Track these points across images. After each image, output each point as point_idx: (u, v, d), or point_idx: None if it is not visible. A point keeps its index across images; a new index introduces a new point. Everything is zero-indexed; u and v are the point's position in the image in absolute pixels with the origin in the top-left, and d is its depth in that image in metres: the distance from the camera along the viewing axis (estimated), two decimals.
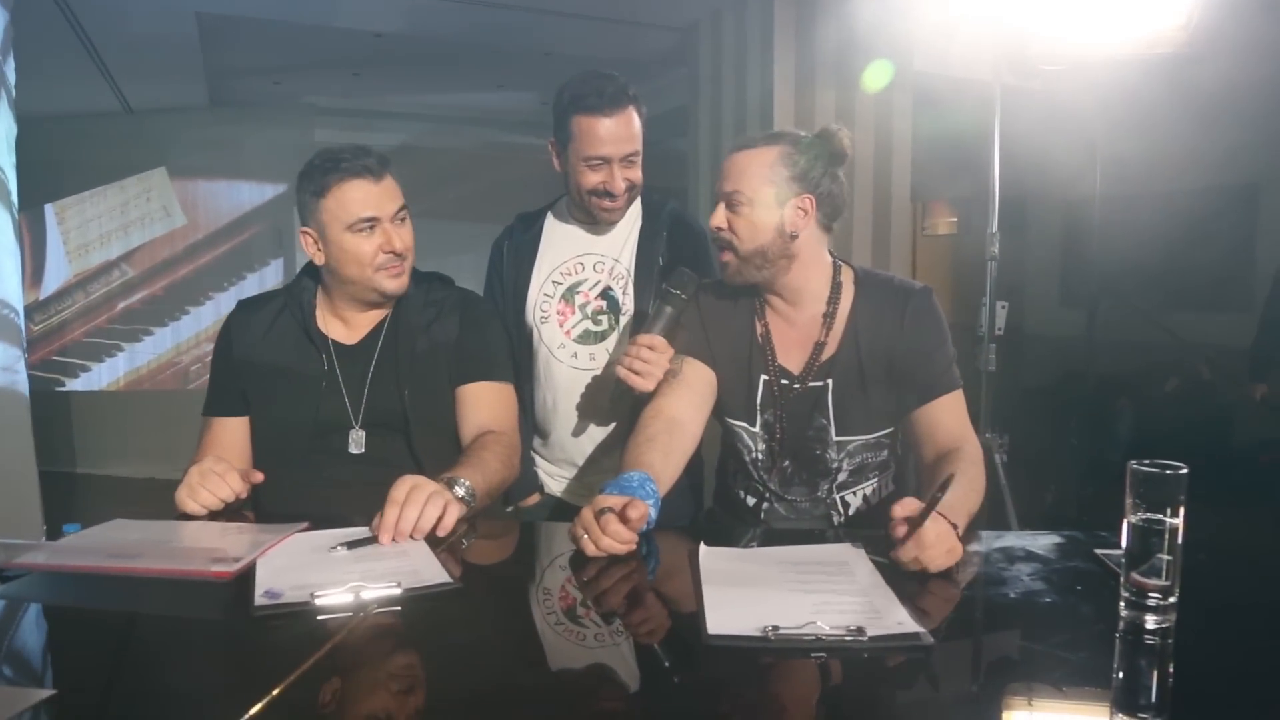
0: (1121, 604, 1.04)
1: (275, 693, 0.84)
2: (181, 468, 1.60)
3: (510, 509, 2.03)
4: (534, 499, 2.06)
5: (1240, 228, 4.78)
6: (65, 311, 6.52)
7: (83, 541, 1.37)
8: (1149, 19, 3.18)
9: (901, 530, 1.19)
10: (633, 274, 1.94)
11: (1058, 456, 4.05)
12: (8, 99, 3.59)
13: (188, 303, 6.56)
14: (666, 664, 1.01)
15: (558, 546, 1.47)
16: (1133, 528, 1.03)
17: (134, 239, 6.51)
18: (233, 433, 1.78)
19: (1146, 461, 1.03)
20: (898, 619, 1.01)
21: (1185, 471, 1.01)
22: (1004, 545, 1.34)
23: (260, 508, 1.71)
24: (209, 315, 6.49)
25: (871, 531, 1.36)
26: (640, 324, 1.83)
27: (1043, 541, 1.36)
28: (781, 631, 0.96)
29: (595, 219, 1.94)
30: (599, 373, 1.96)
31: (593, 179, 1.85)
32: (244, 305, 1.86)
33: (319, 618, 1.07)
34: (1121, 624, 1.03)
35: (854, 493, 1.70)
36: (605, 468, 1.92)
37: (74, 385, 6.55)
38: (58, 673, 0.99)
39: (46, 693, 0.86)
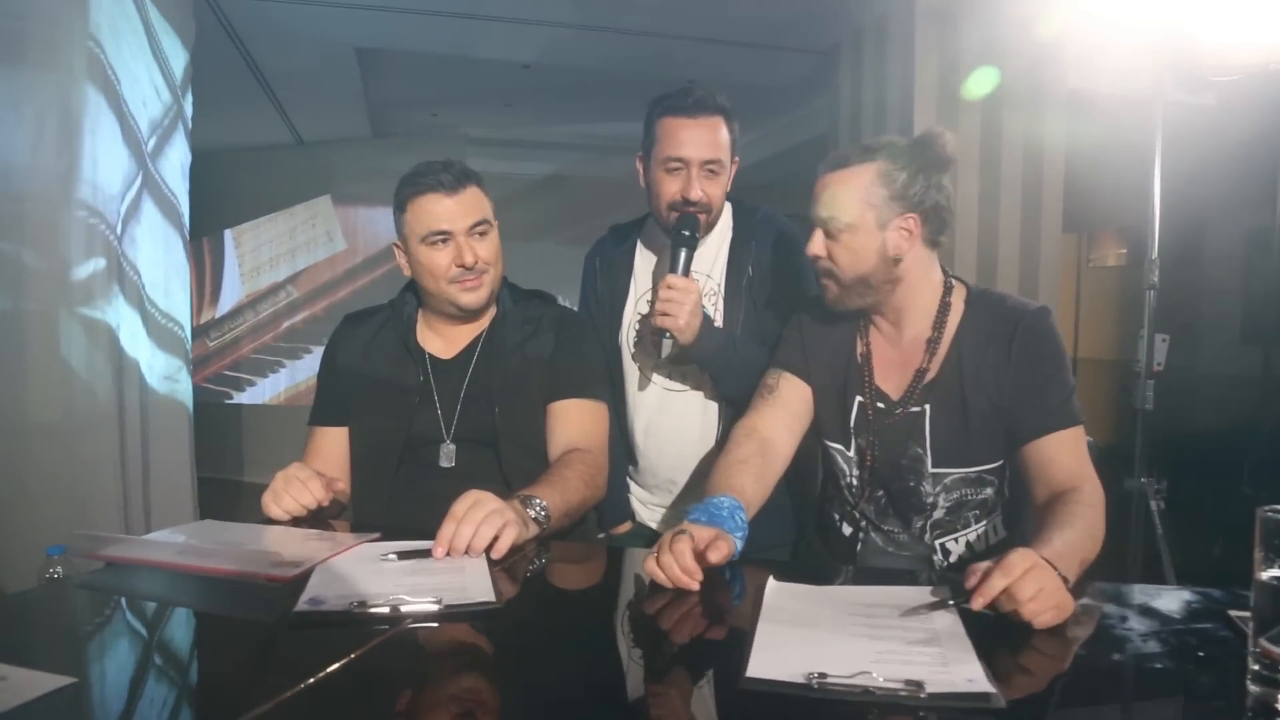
0: (1249, 678, 0.88)
1: (283, 697, 0.83)
2: None
3: (602, 535, 1.98)
4: (625, 527, 1.99)
5: None
6: (238, 329, 7.02)
7: (163, 538, 1.42)
8: None
9: (972, 580, 1.05)
10: (722, 290, 1.86)
11: (1227, 507, 3.63)
12: (184, 131, 3.87)
13: None
14: (692, 706, 0.91)
15: (630, 573, 1.40)
16: (1263, 586, 0.87)
17: (300, 262, 6.95)
18: (333, 442, 1.81)
19: None
20: (967, 675, 0.87)
21: None
22: (1121, 599, 1.17)
23: (356, 516, 1.73)
24: None
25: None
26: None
27: (1170, 598, 1.18)
28: (828, 680, 0.86)
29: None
30: (689, 392, 1.89)
31: (671, 187, 1.78)
32: (350, 319, 1.91)
33: (351, 627, 1.04)
34: (1249, 701, 0.87)
35: (956, 539, 1.54)
36: (699, 496, 1.84)
37: (241, 398, 7.02)
38: (83, 662, 1.00)
39: (66, 680, 0.87)
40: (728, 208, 1.92)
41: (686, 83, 1.81)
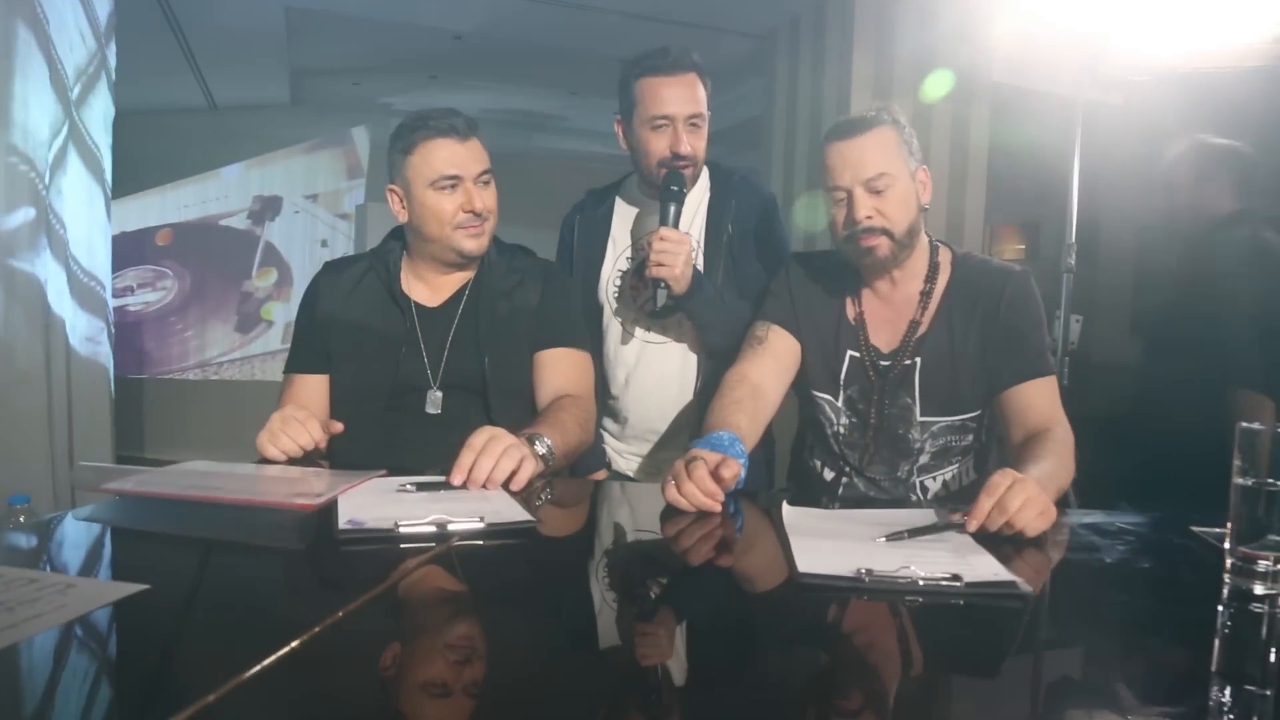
0: (1226, 571, 1.00)
1: (355, 605, 0.85)
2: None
3: None
4: (601, 474, 2.05)
5: None
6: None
7: (165, 474, 1.40)
8: (1240, 31, 3.10)
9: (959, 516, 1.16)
10: (702, 246, 1.94)
11: (1127, 479, 3.93)
12: (108, 81, 3.72)
13: None
14: (753, 602, 0.99)
15: (639, 503, 1.47)
16: (1240, 489, 0.99)
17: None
18: (312, 390, 1.81)
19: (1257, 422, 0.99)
20: (993, 570, 0.98)
21: None
22: (1093, 522, 1.30)
23: (336, 463, 1.73)
24: None
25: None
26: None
27: (1134, 519, 1.32)
28: (876, 574, 0.94)
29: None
30: (669, 345, 1.96)
31: (659, 145, 1.85)
32: (331, 266, 1.90)
33: (402, 545, 1.08)
34: (1226, 591, 0.99)
35: (934, 477, 1.67)
36: (678, 445, 1.92)
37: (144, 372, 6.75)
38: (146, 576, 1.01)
39: (139, 586, 0.88)
40: (704, 169, 1.99)
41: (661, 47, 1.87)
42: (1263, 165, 3.36)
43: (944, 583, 0.93)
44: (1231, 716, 0.73)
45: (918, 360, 1.59)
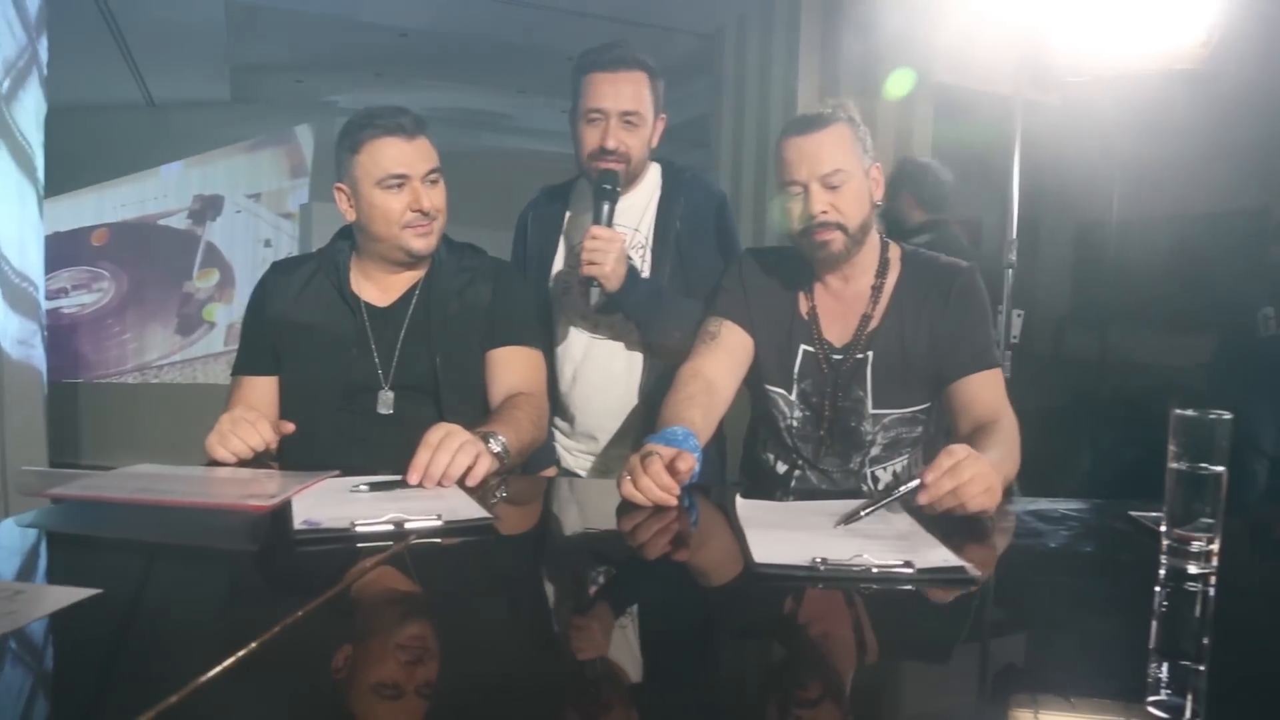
0: (1163, 552, 1.05)
1: (313, 605, 0.84)
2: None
3: None
4: (551, 471, 2.06)
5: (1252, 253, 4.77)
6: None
7: (109, 478, 1.37)
8: (1170, 34, 3.20)
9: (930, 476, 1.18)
10: (651, 243, 1.94)
11: (1074, 466, 4.07)
12: (39, 77, 3.62)
13: None
14: (711, 594, 1.00)
15: (595, 499, 1.48)
16: (1175, 475, 1.04)
17: None
18: (261, 391, 1.78)
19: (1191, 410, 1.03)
20: (943, 557, 1.01)
21: (1230, 418, 1.02)
22: (1037, 508, 1.34)
23: (287, 465, 1.71)
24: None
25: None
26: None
27: (1075, 505, 1.36)
28: (830, 562, 0.96)
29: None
30: (616, 343, 1.97)
31: (592, 138, 1.85)
32: (278, 266, 1.88)
33: (359, 545, 1.07)
34: (1163, 572, 1.03)
35: (885, 468, 1.70)
36: (626, 444, 1.93)
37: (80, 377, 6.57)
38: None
39: (91, 591, 0.86)
40: (657, 167, 2.01)
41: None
42: (949, 179, 3.57)
43: (896, 569, 0.96)
44: (1169, 691, 0.76)
45: (870, 354, 1.63)
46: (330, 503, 1.24)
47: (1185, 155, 4.22)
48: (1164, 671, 0.81)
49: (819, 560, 0.96)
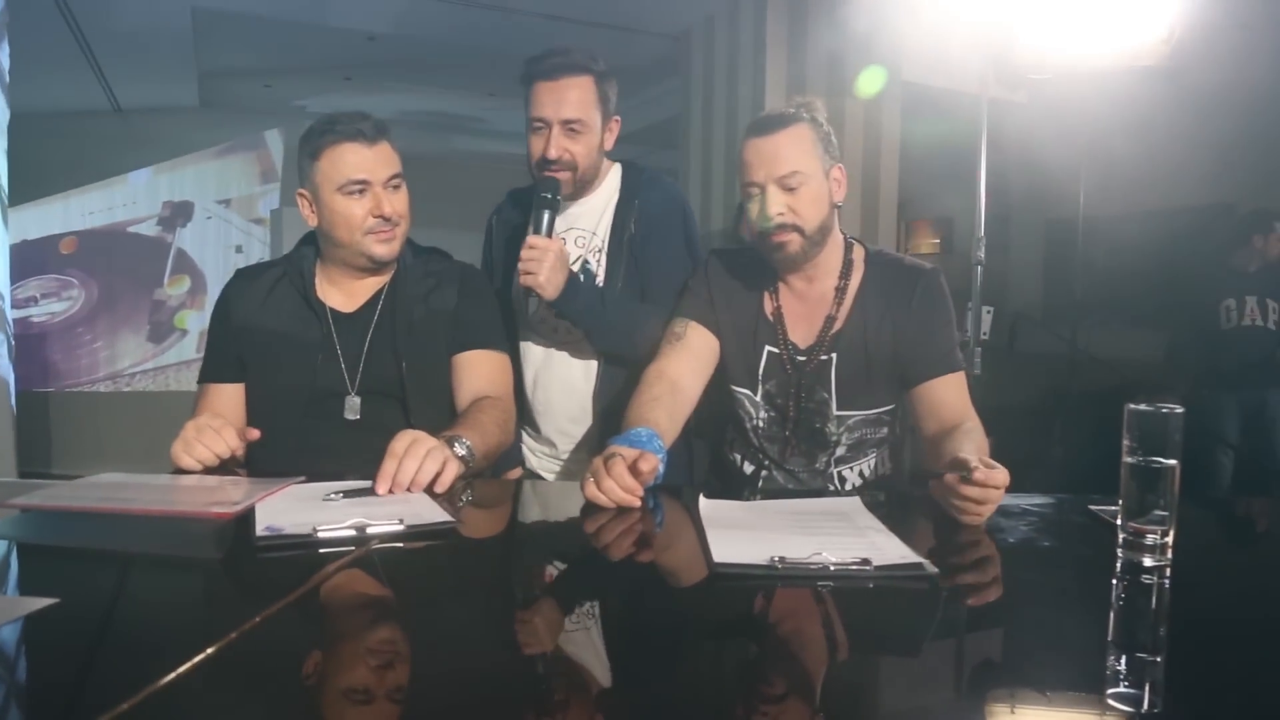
0: (1119, 545, 1.06)
1: (271, 611, 0.84)
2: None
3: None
4: (516, 473, 2.06)
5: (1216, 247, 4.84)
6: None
7: (75, 488, 1.37)
8: (1133, 32, 3.25)
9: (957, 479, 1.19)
10: (606, 247, 1.93)
11: (1044, 461, 4.11)
12: (1, 85, 3.57)
13: None
14: (673, 594, 1.01)
15: (559, 501, 1.48)
16: (1130, 468, 1.05)
17: None
18: (228, 399, 1.78)
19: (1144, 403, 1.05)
20: (900, 553, 1.02)
21: (1181, 412, 1.03)
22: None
23: (255, 472, 1.70)
24: None
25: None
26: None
27: (1036, 500, 1.38)
28: (789, 561, 0.97)
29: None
30: (573, 348, 1.96)
31: (536, 146, 1.84)
32: (242, 274, 1.87)
33: (321, 550, 1.07)
34: (1119, 564, 1.05)
35: (851, 468, 1.71)
36: (588, 448, 1.93)
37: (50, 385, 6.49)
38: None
39: (48, 600, 0.86)
40: (617, 169, 2.00)
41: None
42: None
43: (854, 567, 0.97)
44: (1128, 683, 0.77)
45: (834, 355, 1.63)
46: (294, 508, 1.23)
47: (1150, 151, 4.29)
48: (1121, 664, 0.82)
49: (777, 559, 0.97)
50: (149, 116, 6.46)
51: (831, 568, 0.97)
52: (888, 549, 1.03)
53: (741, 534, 1.10)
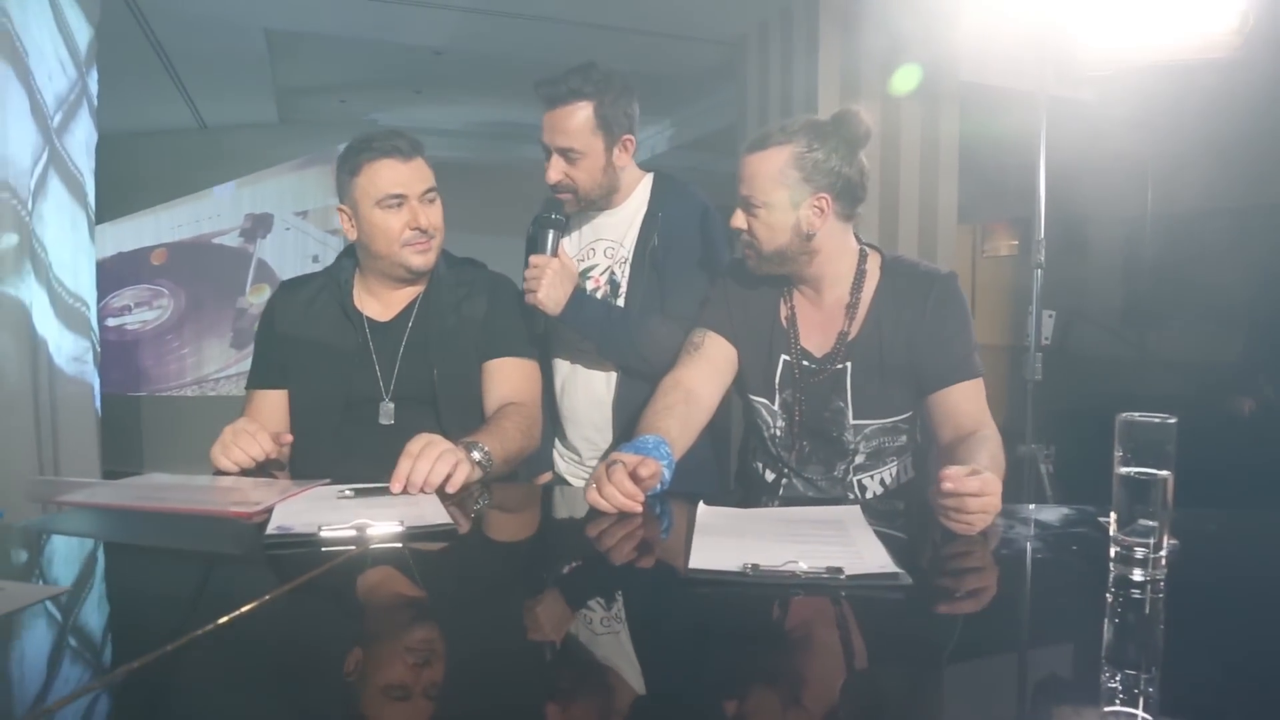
0: (1111, 559, 1.04)
1: (257, 603, 0.90)
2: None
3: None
4: (546, 477, 2.11)
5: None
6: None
7: (115, 487, 1.46)
8: (1202, 22, 3.12)
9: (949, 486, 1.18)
10: (631, 258, 1.96)
11: (1109, 471, 3.96)
12: (90, 108, 3.79)
13: None
14: (644, 596, 1.03)
15: (567, 507, 1.51)
16: (1121, 479, 1.03)
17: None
18: (272, 404, 1.86)
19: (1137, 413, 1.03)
20: (879, 562, 1.02)
21: (1174, 421, 1.01)
22: (1010, 511, 1.33)
23: (295, 474, 1.78)
24: None
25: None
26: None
27: (1053, 512, 1.36)
28: (761, 568, 0.98)
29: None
30: (595, 359, 2.00)
31: (546, 172, 1.91)
32: (287, 285, 1.96)
33: (323, 549, 1.12)
34: (1110, 578, 1.03)
35: (871, 476, 1.70)
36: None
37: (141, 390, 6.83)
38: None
39: (59, 589, 0.93)
40: (648, 180, 2.02)
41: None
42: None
43: (824, 576, 0.97)
44: (1119, 701, 0.76)
45: (849, 364, 1.63)
46: (308, 509, 1.29)
47: (1219, 147, 4.11)
48: (1114, 681, 0.80)
49: (749, 566, 0.98)
50: (231, 133, 6.74)
51: (803, 575, 0.97)
52: (868, 558, 1.03)
53: (726, 540, 1.12)
